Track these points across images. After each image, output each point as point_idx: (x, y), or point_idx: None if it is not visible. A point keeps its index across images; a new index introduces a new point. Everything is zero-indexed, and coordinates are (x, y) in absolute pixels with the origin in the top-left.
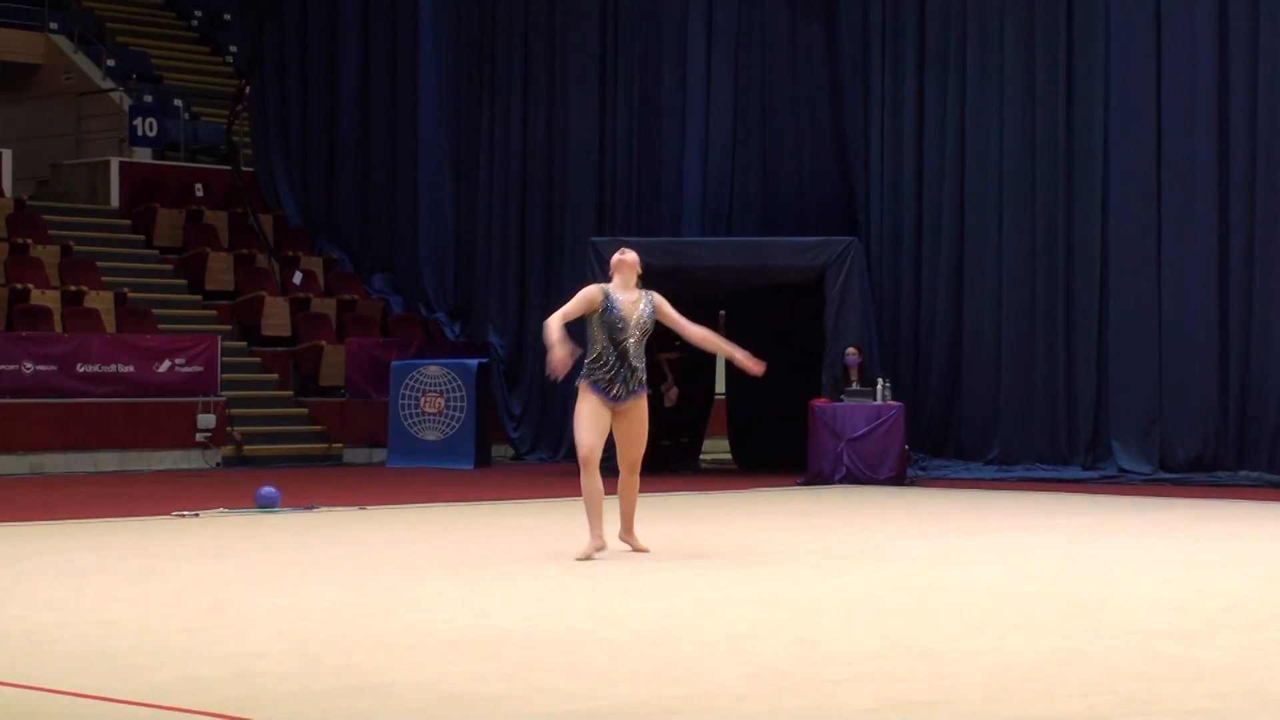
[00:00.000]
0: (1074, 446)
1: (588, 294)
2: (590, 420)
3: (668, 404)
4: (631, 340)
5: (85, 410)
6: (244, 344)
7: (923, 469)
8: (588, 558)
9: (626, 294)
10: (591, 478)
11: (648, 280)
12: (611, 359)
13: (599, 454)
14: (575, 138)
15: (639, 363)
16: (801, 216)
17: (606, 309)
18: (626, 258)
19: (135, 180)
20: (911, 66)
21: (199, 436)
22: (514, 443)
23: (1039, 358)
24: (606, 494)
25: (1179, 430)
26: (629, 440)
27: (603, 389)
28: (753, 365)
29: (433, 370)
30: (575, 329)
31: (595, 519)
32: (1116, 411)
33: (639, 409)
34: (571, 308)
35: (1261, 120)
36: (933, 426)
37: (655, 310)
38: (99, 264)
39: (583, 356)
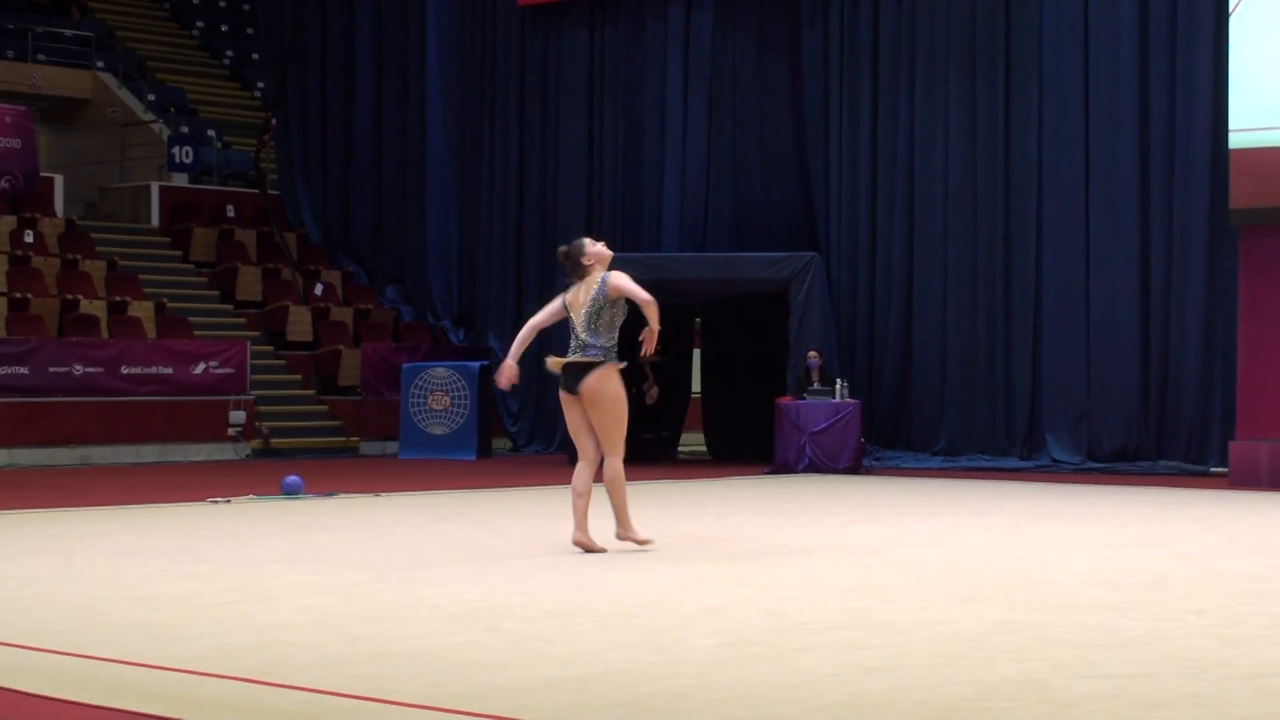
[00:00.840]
0: (1011, 439)
1: (552, 308)
2: (566, 417)
3: (649, 401)
4: (579, 319)
5: (129, 408)
6: (271, 348)
7: (877, 459)
8: (578, 546)
9: (582, 287)
10: (576, 473)
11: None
12: (570, 344)
13: (583, 446)
14: (566, 164)
15: (589, 338)
16: (768, 234)
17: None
18: (579, 257)
19: (173, 202)
20: (866, 101)
21: (231, 431)
22: (512, 436)
23: (980, 359)
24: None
25: (1105, 424)
26: (594, 426)
27: (562, 375)
28: (648, 345)
29: (439, 372)
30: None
31: (576, 516)
32: (1049, 407)
33: (594, 394)
34: (542, 316)
35: (1179, 145)
36: (885, 421)
37: (606, 286)
38: (141, 277)
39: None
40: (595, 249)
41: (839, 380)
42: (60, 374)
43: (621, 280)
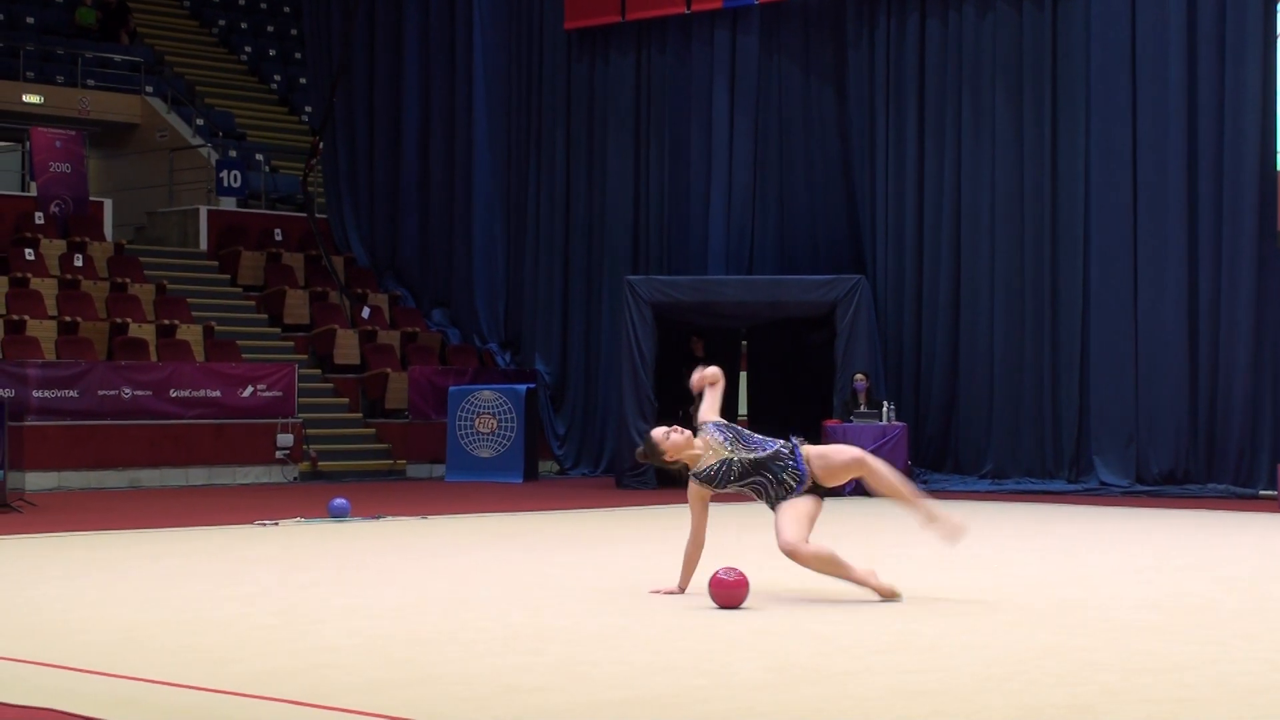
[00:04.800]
0: (1059, 462)
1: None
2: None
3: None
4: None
5: (177, 431)
6: (318, 371)
7: (924, 482)
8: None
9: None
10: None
11: (676, 313)
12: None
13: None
14: (613, 187)
15: (759, 450)
16: (814, 257)
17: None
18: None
19: (221, 226)
20: (912, 123)
21: (278, 454)
22: (558, 459)
23: (1027, 382)
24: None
25: (1153, 447)
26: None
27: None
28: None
29: (486, 395)
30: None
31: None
32: (1097, 430)
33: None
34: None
35: (1227, 166)
36: (932, 444)
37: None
38: (189, 301)
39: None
40: (670, 441)
41: (885, 403)
42: (109, 397)
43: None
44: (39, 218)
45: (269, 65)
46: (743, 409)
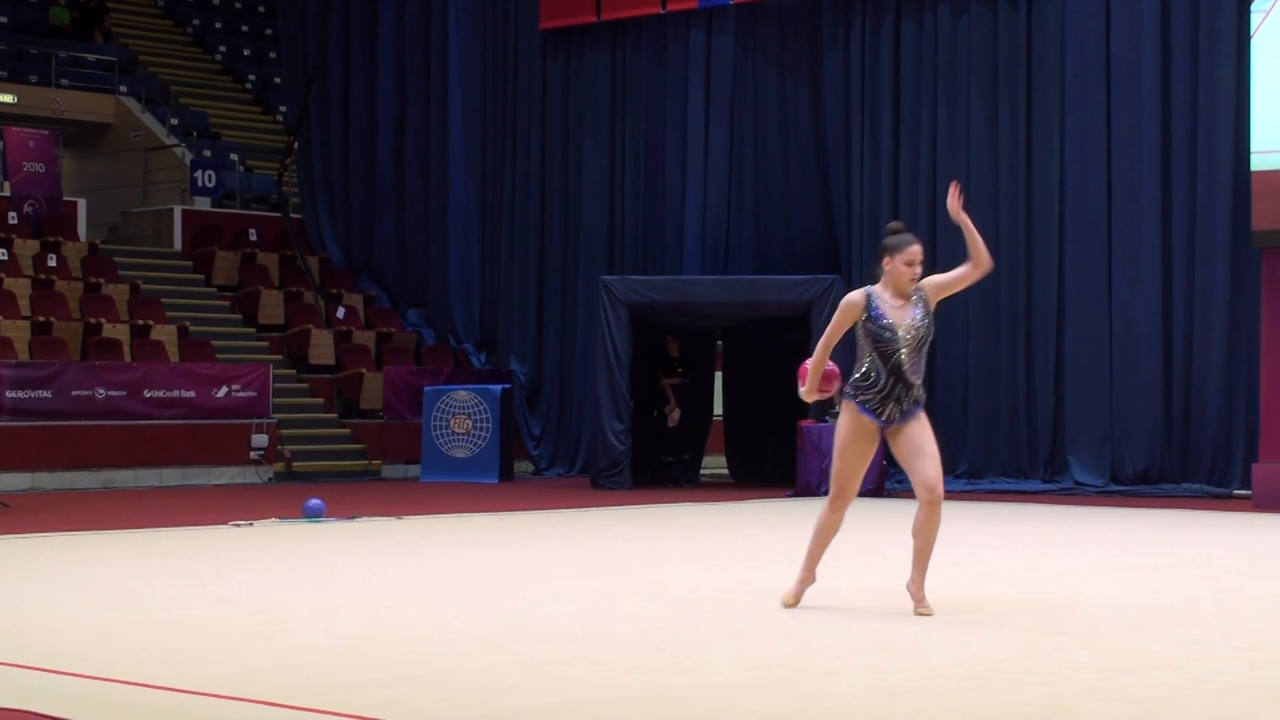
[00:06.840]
0: (1034, 462)
1: (848, 303)
2: (850, 448)
3: (671, 424)
4: (904, 353)
5: (152, 431)
6: (293, 372)
7: (899, 482)
8: (794, 602)
9: (895, 297)
10: (835, 513)
11: (651, 313)
12: (882, 377)
13: (853, 490)
14: (588, 187)
15: (915, 378)
16: (790, 257)
17: (869, 318)
18: (903, 254)
19: (196, 226)
20: (888, 124)
21: (253, 454)
22: (534, 459)
23: (1002, 382)
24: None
25: (1128, 447)
26: (916, 457)
27: (872, 410)
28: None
29: (461, 395)
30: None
31: (814, 555)
32: (1072, 430)
33: (919, 424)
34: (833, 328)
35: (1201, 167)
36: None
37: (928, 307)
38: (164, 301)
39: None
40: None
41: None
42: (83, 397)
43: (937, 282)
44: (12, 218)
45: (243, 65)
46: (718, 409)
